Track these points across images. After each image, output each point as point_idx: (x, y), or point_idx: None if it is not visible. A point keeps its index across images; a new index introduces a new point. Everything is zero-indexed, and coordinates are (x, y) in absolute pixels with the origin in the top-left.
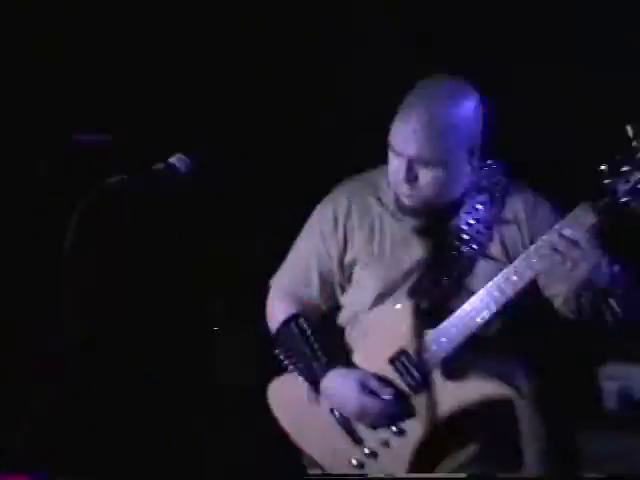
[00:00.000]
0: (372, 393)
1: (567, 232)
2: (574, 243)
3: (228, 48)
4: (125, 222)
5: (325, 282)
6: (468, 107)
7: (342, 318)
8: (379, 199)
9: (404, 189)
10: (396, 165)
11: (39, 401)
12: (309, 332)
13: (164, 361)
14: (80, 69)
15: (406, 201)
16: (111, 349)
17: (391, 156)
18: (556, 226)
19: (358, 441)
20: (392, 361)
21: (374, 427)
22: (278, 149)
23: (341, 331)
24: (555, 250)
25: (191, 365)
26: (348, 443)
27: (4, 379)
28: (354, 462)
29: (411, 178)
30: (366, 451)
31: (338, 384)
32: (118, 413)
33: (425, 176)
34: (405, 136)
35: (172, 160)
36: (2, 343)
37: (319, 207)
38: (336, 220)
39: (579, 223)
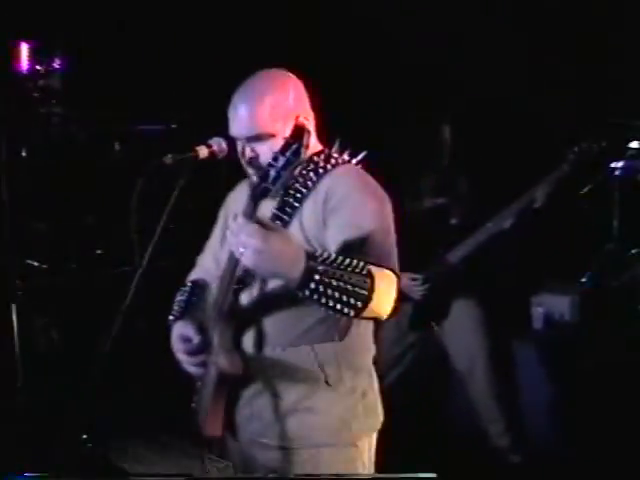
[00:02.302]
0: (186, 340)
1: (238, 219)
2: (240, 228)
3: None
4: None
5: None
6: (277, 85)
7: None
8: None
9: (249, 169)
10: (238, 148)
11: None
12: (184, 295)
13: None
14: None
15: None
16: None
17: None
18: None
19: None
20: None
21: (192, 371)
22: None
23: None
24: (231, 232)
25: None
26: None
27: None
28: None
29: (251, 156)
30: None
31: (172, 332)
32: None
33: (262, 151)
34: (232, 122)
35: (211, 142)
36: None
37: None
38: (223, 214)
39: (246, 212)
